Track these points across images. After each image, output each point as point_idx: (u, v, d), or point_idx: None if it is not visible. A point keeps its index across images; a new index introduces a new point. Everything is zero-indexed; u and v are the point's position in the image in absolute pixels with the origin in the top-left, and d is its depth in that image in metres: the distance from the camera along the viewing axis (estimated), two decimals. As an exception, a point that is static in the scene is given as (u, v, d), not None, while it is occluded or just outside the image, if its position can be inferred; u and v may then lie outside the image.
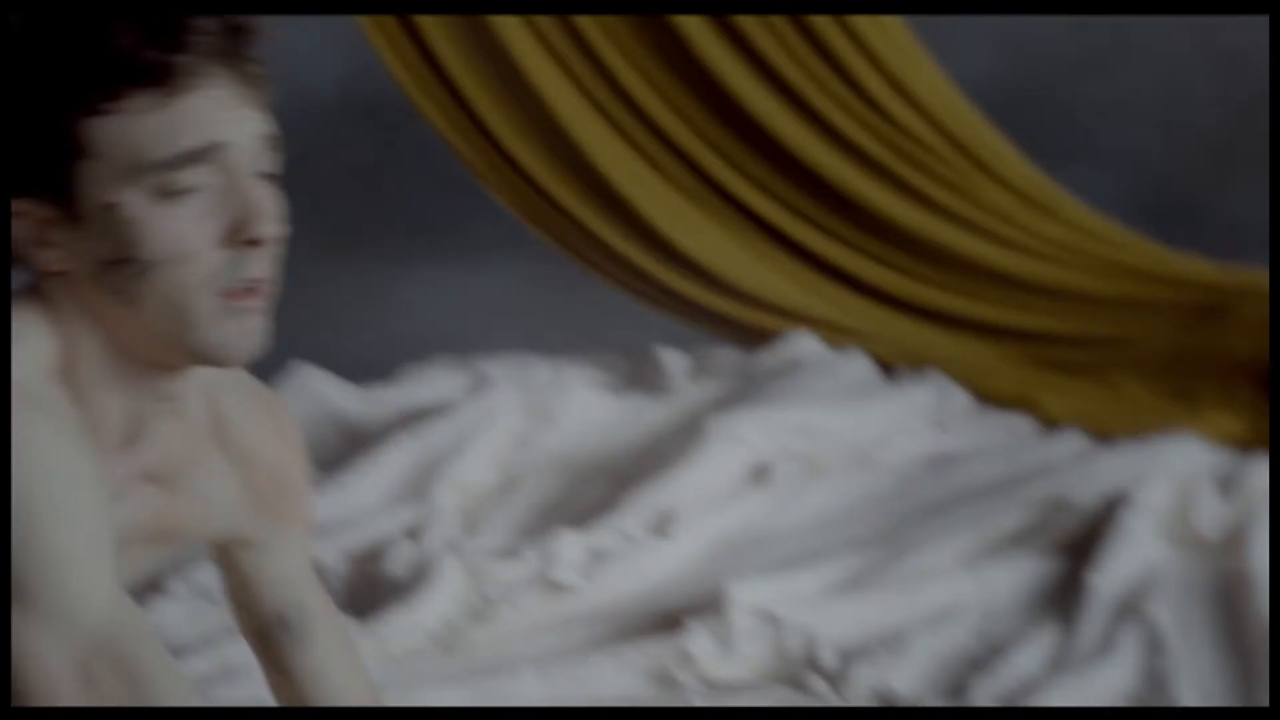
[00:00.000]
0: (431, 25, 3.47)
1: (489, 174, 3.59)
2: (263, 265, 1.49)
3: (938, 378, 3.39)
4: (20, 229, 1.49)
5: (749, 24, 3.57)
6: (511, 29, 3.49)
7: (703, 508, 2.79)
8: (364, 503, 2.80)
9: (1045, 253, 3.69)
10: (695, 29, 3.57)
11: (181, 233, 1.47)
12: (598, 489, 2.88)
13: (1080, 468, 3.02)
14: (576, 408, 3.16)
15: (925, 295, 3.66)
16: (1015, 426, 3.32)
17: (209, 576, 2.50)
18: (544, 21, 3.53)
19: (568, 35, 3.55)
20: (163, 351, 1.52)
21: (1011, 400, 3.39)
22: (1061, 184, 3.77)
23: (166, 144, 1.46)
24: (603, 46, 3.56)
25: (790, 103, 3.62)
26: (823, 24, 3.60)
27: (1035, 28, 4.37)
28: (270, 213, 1.48)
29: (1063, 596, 2.68)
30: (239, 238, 1.47)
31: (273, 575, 1.72)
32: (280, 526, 1.71)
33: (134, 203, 1.47)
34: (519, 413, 3.09)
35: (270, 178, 1.51)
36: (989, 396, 3.42)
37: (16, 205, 1.49)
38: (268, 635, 1.72)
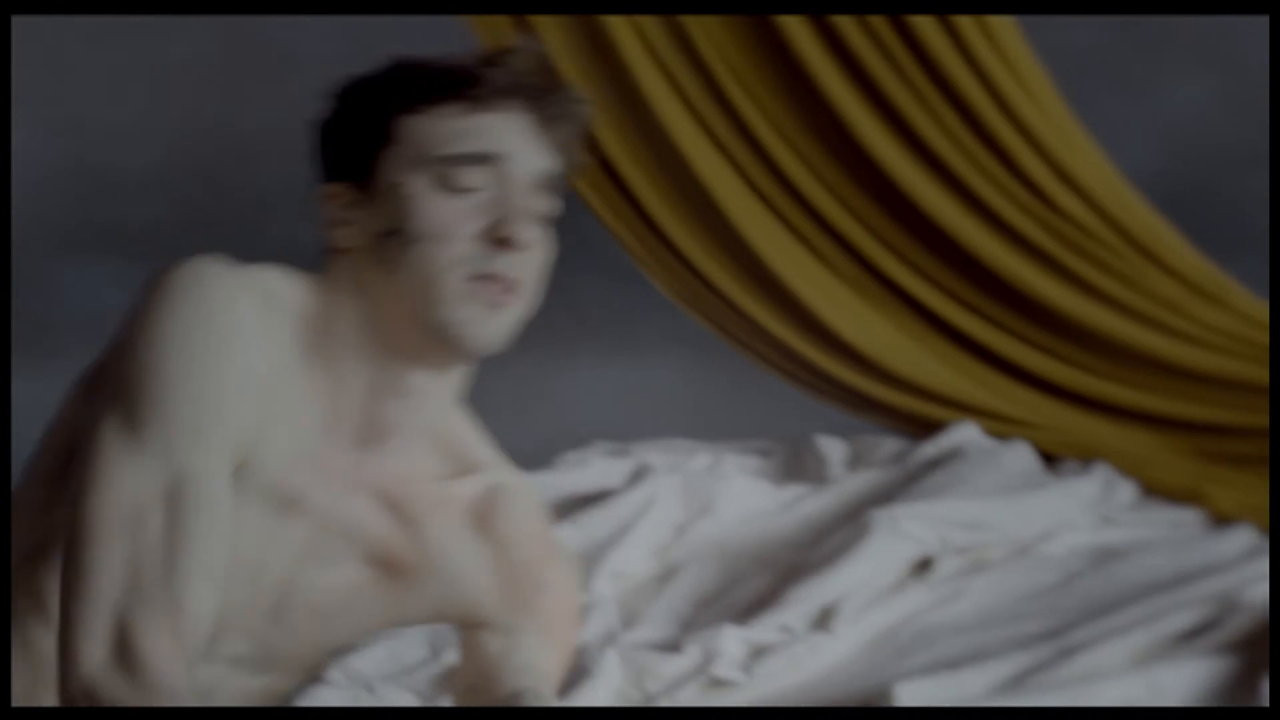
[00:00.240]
0: (599, 120, 3.48)
1: (649, 260, 3.59)
2: (513, 266, 1.68)
3: (1103, 469, 3.33)
4: (328, 210, 1.73)
5: (912, 111, 3.55)
6: (672, 113, 3.50)
7: (865, 602, 2.75)
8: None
9: (1214, 343, 3.62)
10: (856, 114, 3.55)
11: (448, 218, 1.67)
12: (757, 580, 2.85)
13: (1251, 565, 2.95)
14: (735, 496, 3.14)
15: (1091, 385, 3.61)
16: (1183, 520, 3.25)
17: (368, 663, 2.50)
18: (705, 106, 3.53)
19: (729, 120, 3.55)
20: (412, 329, 1.68)
21: (1179, 493, 3.32)
22: (1230, 275, 3.70)
23: (457, 143, 1.69)
24: (764, 132, 3.55)
25: (953, 189, 3.59)
26: (986, 110, 3.57)
27: (1196, 119, 4.32)
28: (527, 221, 1.68)
29: (1237, 699, 2.60)
30: (494, 235, 1.67)
31: (516, 662, 1.82)
32: (530, 621, 1.82)
33: (416, 184, 1.69)
34: (677, 501, 3.08)
35: (545, 218, 1.71)
36: (1156, 489, 3.35)
37: (329, 189, 1.73)
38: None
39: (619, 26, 3.44)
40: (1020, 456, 3.36)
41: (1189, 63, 4.43)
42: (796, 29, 3.51)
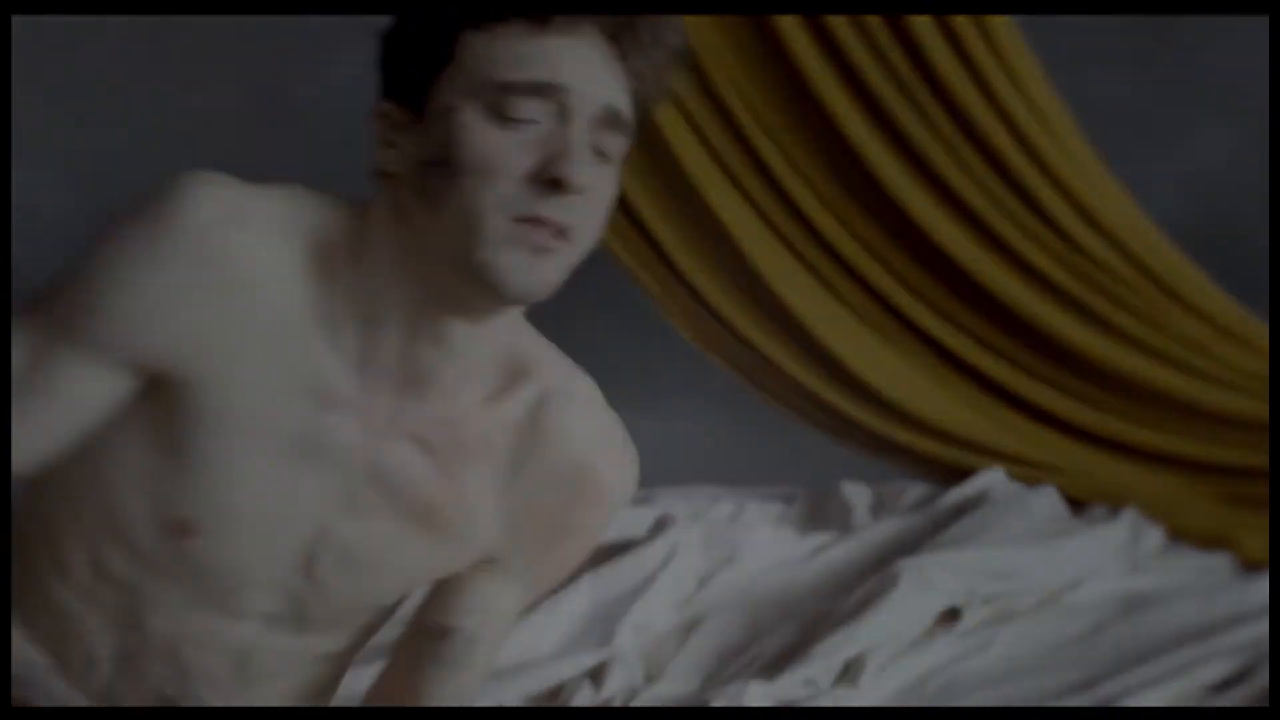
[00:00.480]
0: (623, 170, 3.46)
1: (672, 306, 3.57)
2: (564, 209, 1.53)
3: (1131, 515, 3.30)
4: (378, 130, 1.59)
5: (935, 153, 3.52)
6: (695, 161, 3.48)
7: (891, 654, 2.72)
8: (545, 645, 2.76)
9: (1241, 385, 3.59)
10: (878, 155, 3.53)
11: (498, 151, 1.53)
12: (782, 632, 2.82)
13: (1282, 612, 2.91)
14: (758, 545, 3.11)
15: (1117, 429, 3.58)
16: (1212, 566, 3.22)
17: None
18: (727, 152, 3.51)
19: (751, 163, 3.53)
20: (451, 270, 1.55)
21: (1208, 538, 3.30)
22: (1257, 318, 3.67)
23: (516, 69, 1.54)
24: (786, 176, 3.53)
25: (977, 232, 3.57)
26: (1011, 152, 3.55)
27: (1222, 167, 4.29)
28: (585, 160, 1.54)
29: (1270, 752, 2.56)
30: (546, 174, 1.52)
31: (475, 600, 1.71)
32: (524, 565, 1.71)
33: (469, 112, 1.54)
34: (700, 550, 3.05)
35: (609, 156, 1.57)
36: (1184, 534, 3.32)
37: (380, 107, 1.59)
38: (424, 637, 1.71)
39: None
40: (1047, 502, 3.32)
41: (1214, 112, 4.40)
42: (819, 71, 3.49)
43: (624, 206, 3.52)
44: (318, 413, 1.59)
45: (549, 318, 1.75)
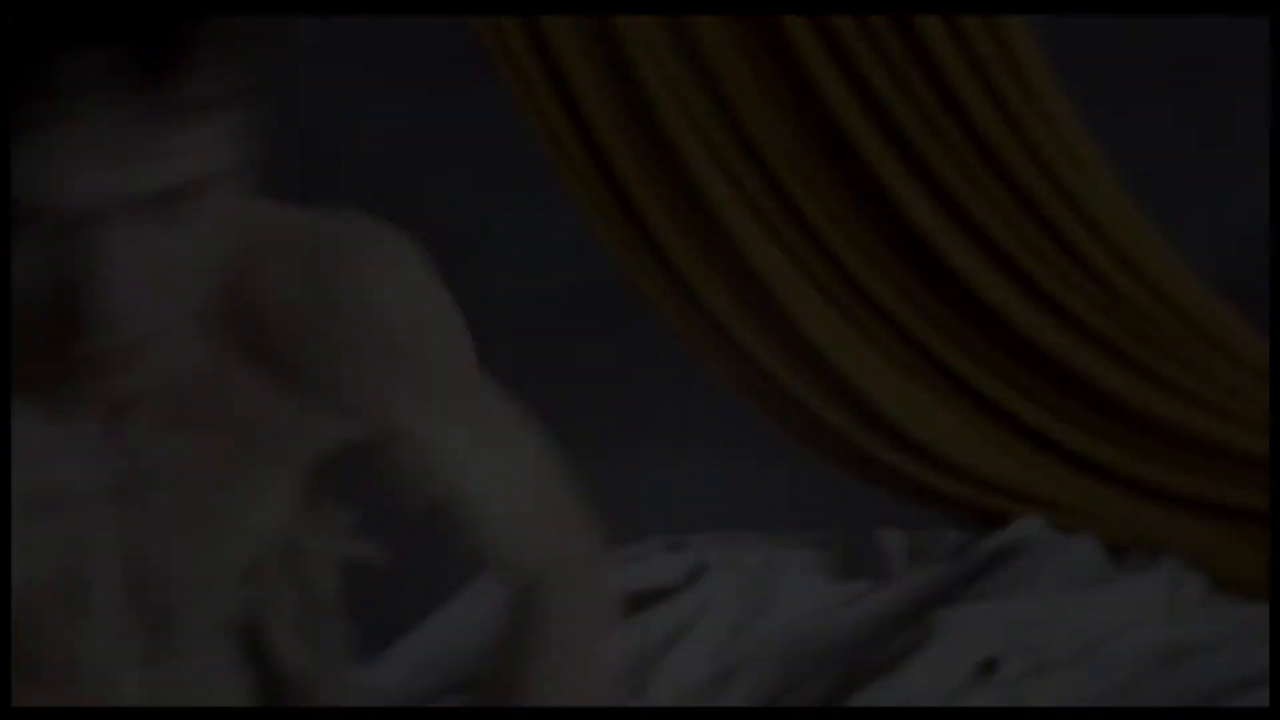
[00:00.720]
0: (654, 210, 3.45)
1: (704, 348, 3.55)
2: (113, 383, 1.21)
3: (1172, 563, 3.26)
4: None
5: (972, 200, 3.50)
6: (728, 205, 3.46)
7: (929, 706, 2.69)
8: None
9: (1284, 432, 3.55)
10: (914, 201, 3.50)
11: (16, 283, 1.16)
12: (818, 684, 2.79)
13: (1328, 664, 2.87)
14: (792, 593, 3.08)
15: (1157, 475, 3.54)
16: (1255, 615, 3.17)
17: None
18: (760, 195, 3.49)
19: (785, 210, 3.51)
20: None
21: (1250, 587, 3.25)
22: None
23: (15, 178, 1.12)
24: (820, 221, 3.51)
25: (1014, 278, 3.53)
26: (1045, 197, 3.51)
27: (1263, 215, 4.25)
28: (105, 309, 1.15)
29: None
30: (63, 339, 1.17)
31: (418, 465, 1.49)
32: (414, 393, 1.44)
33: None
34: (734, 600, 3.02)
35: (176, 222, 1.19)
36: (1226, 582, 3.28)
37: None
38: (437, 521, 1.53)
39: (670, 112, 3.41)
40: (1086, 550, 3.28)
41: (1254, 161, 4.37)
42: (856, 125, 3.47)
43: (656, 249, 3.50)
44: (33, 468, 1.33)
45: (581, 366, 1.72)
